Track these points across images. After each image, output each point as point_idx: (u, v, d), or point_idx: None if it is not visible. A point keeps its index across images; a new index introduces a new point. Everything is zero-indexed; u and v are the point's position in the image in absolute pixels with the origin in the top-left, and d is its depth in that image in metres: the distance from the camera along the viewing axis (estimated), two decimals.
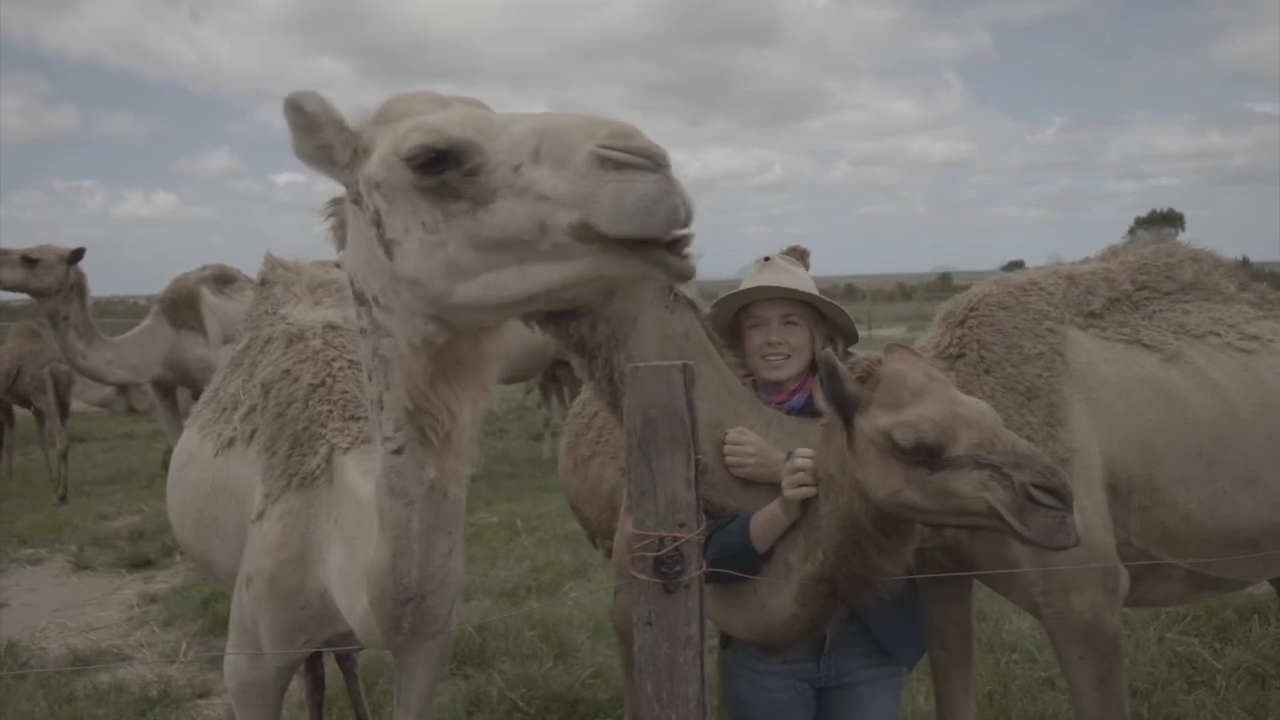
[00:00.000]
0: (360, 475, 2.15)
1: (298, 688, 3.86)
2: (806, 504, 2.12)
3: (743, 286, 2.45)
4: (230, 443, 2.45)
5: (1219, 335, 2.55)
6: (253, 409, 2.42)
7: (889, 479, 1.87)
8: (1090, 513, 2.34)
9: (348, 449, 2.23)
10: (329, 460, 2.24)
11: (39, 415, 9.02)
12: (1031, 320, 2.47)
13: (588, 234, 1.32)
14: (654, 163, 1.30)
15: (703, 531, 1.89)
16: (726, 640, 2.55)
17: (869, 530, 1.95)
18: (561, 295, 1.46)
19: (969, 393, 2.39)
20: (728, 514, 2.30)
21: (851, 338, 2.47)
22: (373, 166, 1.50)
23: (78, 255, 6.67)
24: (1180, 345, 2.52)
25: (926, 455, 1.81)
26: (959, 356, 2.46)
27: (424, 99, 1.58)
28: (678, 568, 1.86)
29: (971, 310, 2.51)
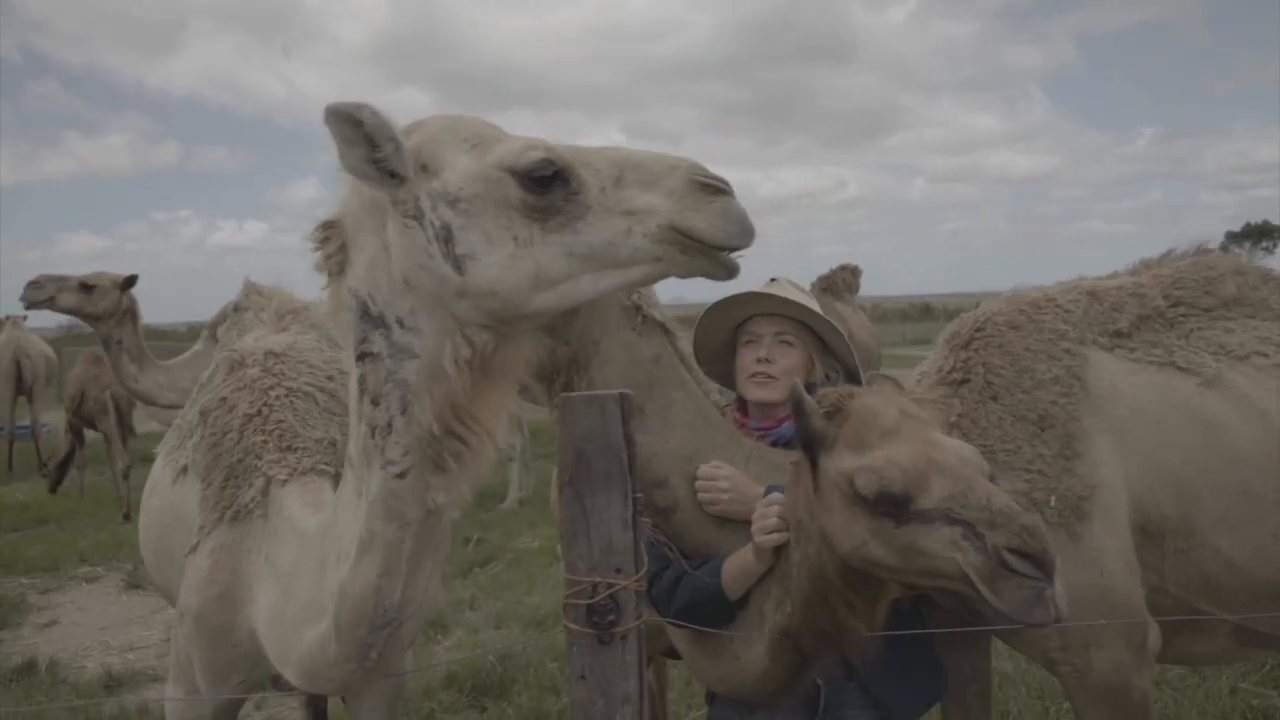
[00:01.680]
0: (302, 508, 2.04)
1: (301, 719, 3.78)
2: (781, 549, 1.91)
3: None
4: (184, 470, 2.37)
5: (1266, 356, 2.23)
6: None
7: (853, 530, 1.64)
8: (1112, 557, 2.06)
9: (286, 481, 2.12)
10: (265, 493, 2.14)
11: (105, 437, 9.34)
12: (1045, 341, 2.21)
13: (670, 236, 1.51)
14: (728, 186, 1.53)
15: (641, 578, 1.70)
16: (711, 696, 2.34)
17: (837, 585, 1.73)
18: (607, 295, 1.68)
19: (974, 423, 2.14)
20: (702, 554, 2.11)
21: (854, 377, 2.24)
22: (450, 182, 1.52)
23: (130, 282, 6.85)
24: (1220, 367, 2.22)
25: (891, 506, 1.58)
26: (963, 382, 2.20)
27: (480, 123, 1.63)
28: (611, 617, 1.68)
29: (978, 331, 2.26)
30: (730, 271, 1.60)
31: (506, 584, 6.36)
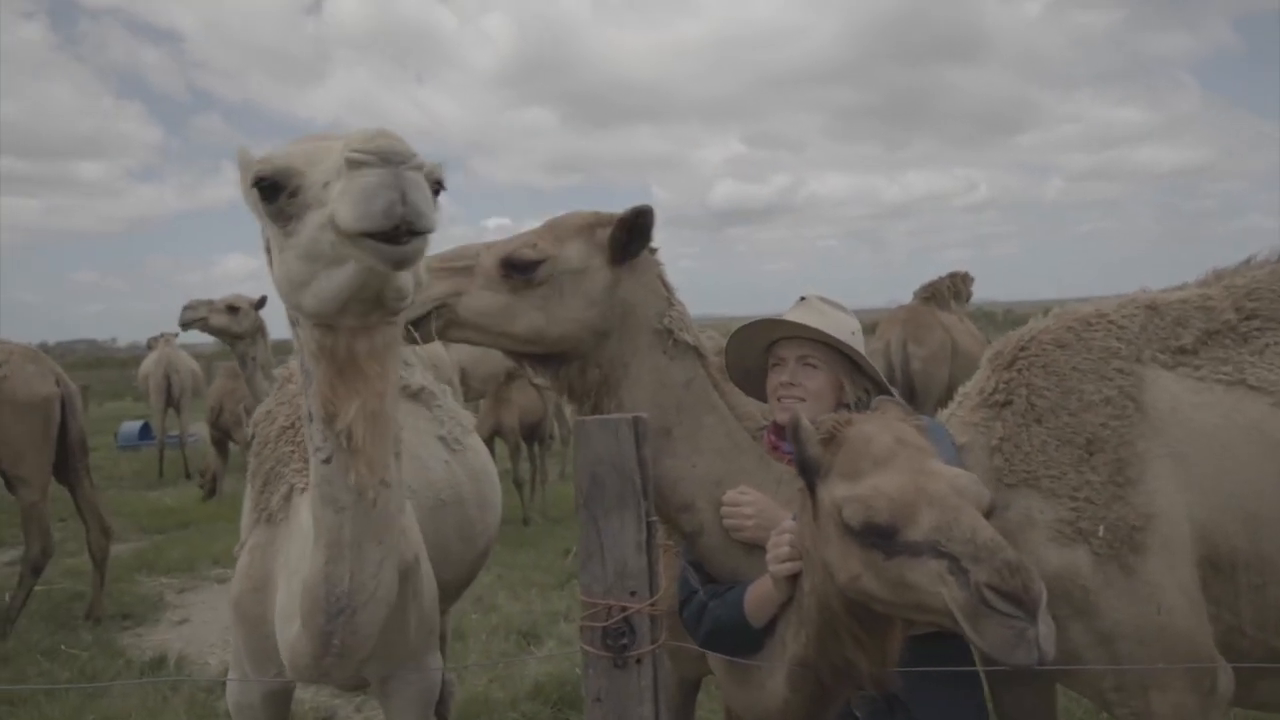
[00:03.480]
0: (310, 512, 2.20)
1: None
2: (797, 577, 1.88)
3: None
4: None
5: None
6: None
7: (848, 561, 1.60)
8: (1171, 593, 1.93)
9: (304, 489, 2.28)
10: (288, 499, 2.32)
11: (242, 447, 10.03)
12: (1095, 360, 2.09)
13: (335, 229, 1.43)
14: (380, 159, 1.37)
15: (656, 601, 1.72)
16: None
17: (843, 617, 1.68)
18: (360, 296, 1.55)
19: (1016, 447, 2.06)
20: (729, 579, 2.10)
21: (884, 393, 2.20)
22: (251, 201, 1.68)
23: (262, 303, 7.41)
24: None
25: (878, 537, 1.53)
26: (1005, 404, 2.11)
27: (315, 138, 1.69)
28: (624, 640, 1.71)
29: (1022, 350, 2.16)
30: (384, 261, 1.43)
31: None
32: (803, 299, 2.28)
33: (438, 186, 1.68)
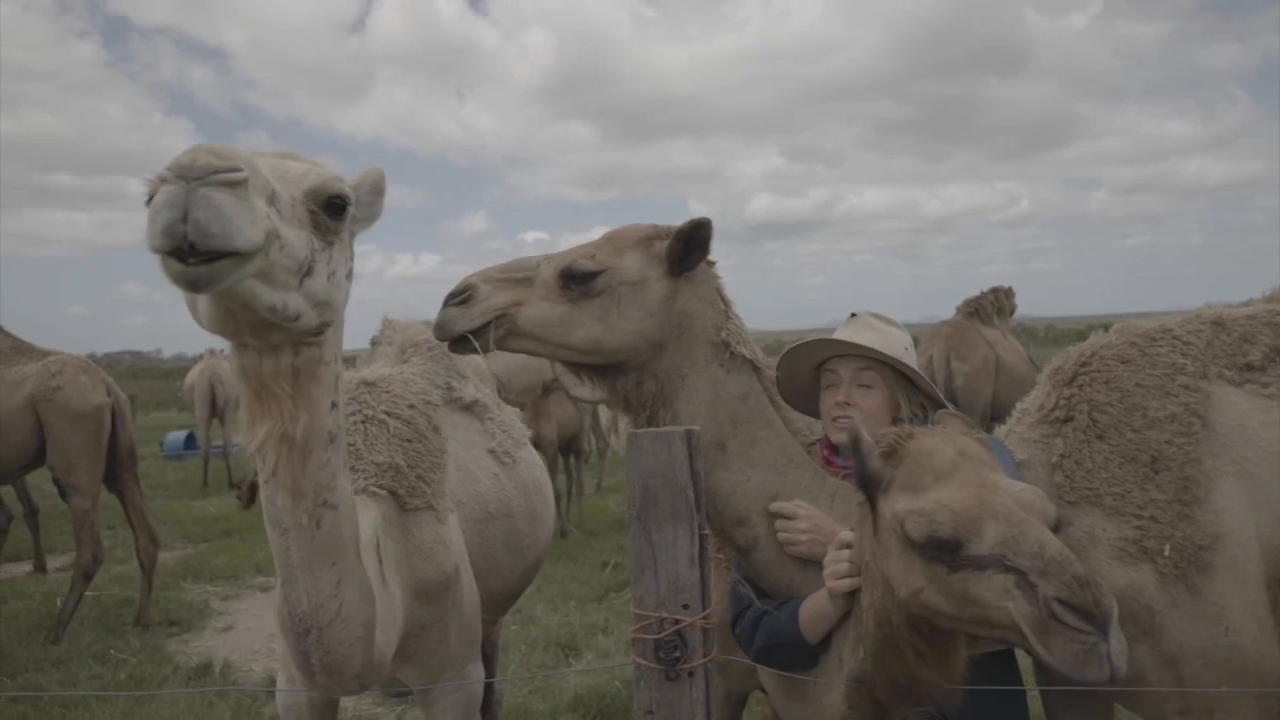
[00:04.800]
0: None
1: None
2: (855, 593, 1.86)
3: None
4: None
5: None
6: None
7: (910, 576, 1.57)
8: (1240, 614, 1.87)
9: None
10: None
11: None
12: (1160, 376, 2.04)
13: None
14: (175, 174, 1.29)
15: (709, 615, 1.70)
16: None
17: (904, 632, 1.65)
18: (240, 318, 1.53)
19: (1077, 464, 2.02)
20: (783, 593, 2.08)
21: (939, 408, 2.17)
22: None
23: None
24: None
25: (941, 551, 1.51)
26: (1066, 420, 2.07)
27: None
28: (677, 653, 1.70)
29: (1083, 366, 2.11)
30: (176, 282, 1.37)
31: None
32: (854, 316, 2.26)
33: (335, 201, 1.61)
